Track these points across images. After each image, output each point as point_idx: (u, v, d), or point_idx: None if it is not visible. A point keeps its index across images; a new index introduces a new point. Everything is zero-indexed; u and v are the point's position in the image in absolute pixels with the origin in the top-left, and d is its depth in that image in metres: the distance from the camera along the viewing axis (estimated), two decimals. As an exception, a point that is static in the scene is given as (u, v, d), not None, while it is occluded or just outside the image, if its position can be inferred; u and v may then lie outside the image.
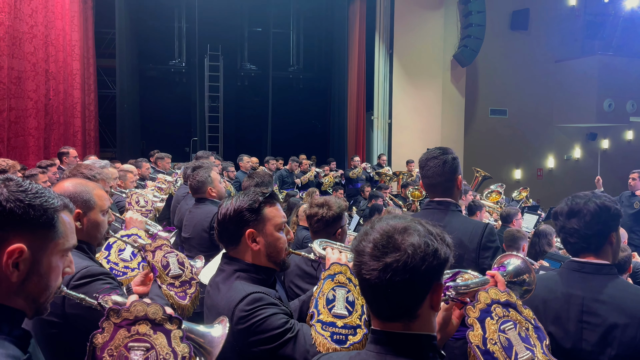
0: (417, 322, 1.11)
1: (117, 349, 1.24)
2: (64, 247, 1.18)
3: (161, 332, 1.27)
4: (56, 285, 1.20)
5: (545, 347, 1.35)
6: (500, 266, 1.58)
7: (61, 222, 1.17)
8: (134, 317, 1.27)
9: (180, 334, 1.28)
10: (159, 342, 1.26)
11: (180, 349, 1.26)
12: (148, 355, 1.24)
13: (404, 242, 1.08)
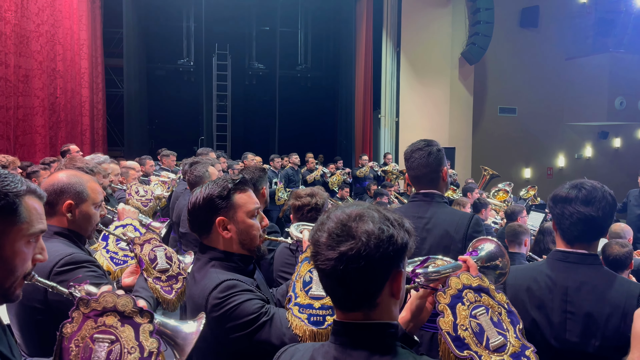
0: (377, 310, 1.09)
1: (83, 340, 1.23)
2: (29, 232, 1.17)
3: (129, 325, 1.25)
4: (23, 271, 1.19)
5: (519, 331, 1.33)
6: (473, 251, 1.55)
7: (25, 207, 1.16)
8: (102, 308, 1.26)
9: (151, 328, 1.26)
10: (125, 335, 1.25)
11: (148, 344, 1.24)
12: (112, 347, 1.23)
13: (358, 230, 1.05)
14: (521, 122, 14.32)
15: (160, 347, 1.26)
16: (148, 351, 1.24)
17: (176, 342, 1.32)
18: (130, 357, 1.22)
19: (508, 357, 1.28)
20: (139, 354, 1.24)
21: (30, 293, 1.80)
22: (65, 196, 1.98)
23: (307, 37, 15.20)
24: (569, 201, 1.89)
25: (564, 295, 1.89)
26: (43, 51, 7.59)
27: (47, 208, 1.99)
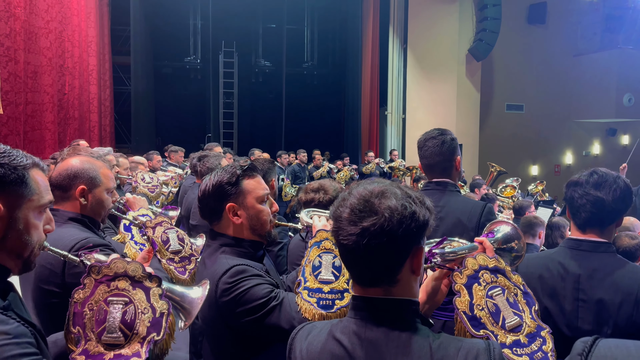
0: (398, 287, 1.09)
1: (97, 304, 1.27)
2: (39, 203, 1.21)
3: (140, 288, 1.29)
4: (38, 241, 1.22)
5: (534, 312, 1.32)
6: (489, 233, 1.55)
7: (33, 180, 1.19)
8: (114, 274, 1.30)
9: (160, 292, 1.30)
10: (138, 297, 1.28)
11: (159, 305, 1.28)
12: (126, 309, 1.26)
13: (381, 206, 1.06)
14: (529, 119, 14.26)
15: (169, 308, 1.30)
16: (159, 312, 1.28)
17: (183, 306, 1.35)
18: (144, 317, 1.26)
19: (524, 337, 1.27)
20: (152, 314, 1.27)
21: (48, 276, 1.83)
22: (79, 181, 1.99)
23: (313, 34, 15.20)
24: (580, 184, 1.89)
25: (576, 283, 1.89)
26: (52, 48, 7.63)
27: (61, 193, 2.01)
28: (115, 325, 1.24)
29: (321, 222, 1.84)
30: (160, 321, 1.27)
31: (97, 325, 1.24)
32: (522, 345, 1.25)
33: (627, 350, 0.72)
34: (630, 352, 0.71)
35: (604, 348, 0.74)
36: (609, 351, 0.73)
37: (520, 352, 1.24)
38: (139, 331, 1.25)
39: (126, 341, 1.24)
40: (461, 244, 1.47)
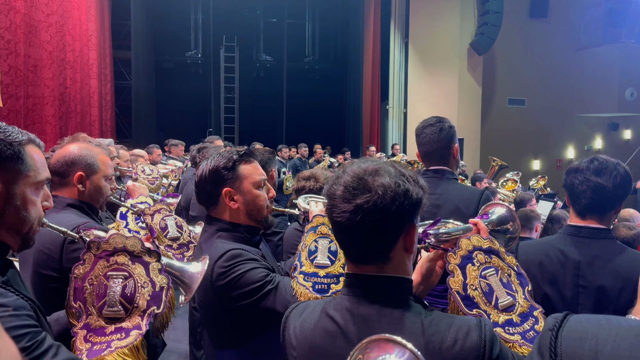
0: (391, 264, 1.10)
1: (97, 278, 1.28)
2: (36, 179, 1.21)
3: (139, 263, 1.31)
4: (36, 217, 1.23)
5: (528, 292, 1.33)
6: (484, 214, 1.55)
7: (29, 156, 1.20)
8: (113, 249, 1.31)
9: (159, 267, 1.32)
10: (137, 271, 1.30)
11: (159, 280, 1.30)
12: (126, 283, 1.28)
13: (375, 183, 1.06)
14: (530, 114, 14.22)
15: (169, 282, 1.32)
16: (159, 286, 1.30)
17: (183, 281, 1.37)
18: (144, 290, 1.27)
19: (516, 316, 1.28)
20: (152, 288, 1.29)
21: (46, 261, 1.84)
22: (76, 167, 2.00)
23: (314, 28, 15.16)
24: (580, 171, 1.89)
25: (576, 270, 1.89)
26: (53, 41, 7.63)
27: (59, 179, 2.02)
28: (116, 299, 1.26)
29: (318, 207, 1.85)
30: (160, 295, 1.28)
31: (98, 300, 1.26)
32: (514, 325, 1.26)
33: (598, 323, 0.72)
34: (602, 325, 0.71)
35: (575, 322, 0.74)
36: (580, 325, 0.73)
37: (512, 331, 1.24)
38: (139, 304, 1.26)
39: (127, 314, 1.26)
40: (456, 225, 1.47)
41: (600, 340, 0.69)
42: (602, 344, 0.68)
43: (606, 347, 0.67)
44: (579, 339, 0.71)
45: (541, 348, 0.75)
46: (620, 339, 0.67)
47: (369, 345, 0.66)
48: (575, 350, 0.70)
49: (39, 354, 1.03)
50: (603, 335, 0.69)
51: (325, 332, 1.12)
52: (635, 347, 0.65)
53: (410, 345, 0.62)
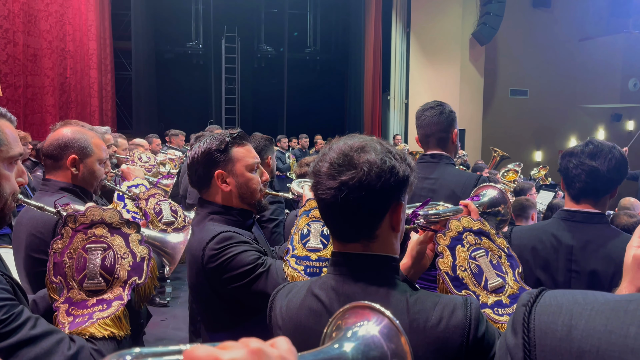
0: (377, 243, 1.09)
1: (76, 252, 1.27)
2: (8, 154, 1.19)
3: (118, 234, 1.30)
4: (10, 193, 1.21)
5: (518, 274, 1.32)
6: (475, 196, 1.54)
7: (0, 130, 1.18)
8: (90, 221, 1.30)
9: (139, 238, 1.31)
10: (117, 243, 1.29)
11: (139, 250, 1.29)
12: (105, 254, 1.27)
13: (360, 159, 1.04)
14: (533, 105, 14.13)
15: (150, 253, 1.30)
16: (140, 257, 1.29)
17: (166, 251, 1.36)
18: (124, 261, 1.26)
19: (506, 297, 1.27)
20: (132, 259, 1.28)
21: (38, 245, 1.84)
22: (70, 151, 1.99)
23: (316, 19, 15.08)
24: (575, 154, 1.87)
25: (569, 255, 1.88)
26: (52, 31, 7.61)
27: (52, 162, 2.02)
28: (96, 271, 1.25)
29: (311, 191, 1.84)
30: (142, 265, 1.27)
31: (78, 273, 1.25)
32: (503, 306, 1.25)
33: (574, 298, 0.70)
34: (577, 300, 0.69)
35: (550, 297, 0.72)
36: (555, 300, 0.71)
37: (501, 312, 1.24)
38: (120, 275, 1.25)
39: (108, 286, 1.25)
40: (446, 207, 1.46)
41: (575, 314, 0.67)
42: (576, 319, 0.66)
43: (580, 322, 0.65)
44: (553, 313, 0.69)
45: (514, 324, 0.73)
46: (595, 313, 0.66)
47: (347, 312, 0.65)
48: (549, 325, 0.68)
49: (17, 326, 1.02)
50: (578, 309, 0.67)
51: (310, 310, 1.11)
52: (610, 320, 0.63)
53: (388, 312, 0.61)
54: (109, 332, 1.18)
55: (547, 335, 0.67)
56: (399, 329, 0.60)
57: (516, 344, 0.71)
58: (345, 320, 0.64)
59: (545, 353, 0.66)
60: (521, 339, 0.69)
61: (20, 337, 1.01)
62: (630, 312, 0.63)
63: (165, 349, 0.50)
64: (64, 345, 1.08)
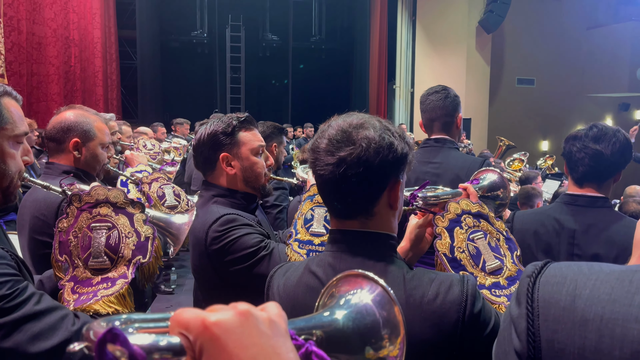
0: (375, 220, 1.09)
1: (81, 230, 1.29)
2: (14, 132, 1.20)
3: (123, 214, 1.31)
4: (16, 171, 1.22)
5: (516, 257, 1.32)
6: (474, 180, 1.54)
7: (5, 108, 1.19)
8: (95, 201, 1.32)
9: (143, 217, 1.33)
10: (121, 222, 1.30)
11: (144, 230, 1.30)
12: (110, 233, 1.29)
13: (359, 136, 1.04)
14: (539, 94, 14.02)
15: (155, 233, 1.32)
16: (144, 236, 1.30)
17: (170, 232, 1.37)
18: (129, 240, 1.28)
19: (504, 279, 1.27)
20: (136, 239, 1.30)
21: (41, 227, 1.86)
22: (72, 134, 2.00)
23: (321, 7, 14.98)
24: (579, 138, 1.86)
25: (571, 239, 1.87)
26: (57, 19, 7.60)
27: (55, 145, 2.03)
28: (100, 249, 1.26)
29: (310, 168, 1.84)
30: (146, 245, 1.29)
31: (83, 252, 1.26)
32: (501, 287, 1.25)
33: (579, 269, 0.69)
34: (582, 271, 0.69)
35: (555, 268, 0.72)
36: (559, 271, 0.71)
37: (499, 293, 1.24)
38: (124, 254, 1.27)
39: (112, 265, 1.27)
40: (445, 190, 1.46)
41: (579, 284, 0.66)
42: (580, 288, 0.66)
43: (585, 291, 0.65)
44: (557, 284, 0.68)
45: (519, 295, 0.73)
46: (600, 282, 0.65)
47: (341, 281, 0.65)
48: (552, 295, 0.68)
49: (21, 302, 1.02)
50: (583, 279, 0.67)
51: (307, 287, 1.12)
52: (615, 289, 0.63)
53: (382, 281, 0.61)
54: (113, 310, 1.20)
55: (550, 305, 0.67)
56: (393, 298, 0.60)
57: (520, 314, 0.71)
58: (338, 289, 0.65)
59: (548, 322, 0.66)
60: (525, 309, 0.69)
61: (25, 312, 1.02)
62: (636, 281, 0.62)
63: (153, 316, 0.50)
64: (69, 320, 1.09)
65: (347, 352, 0.58)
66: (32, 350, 1.00)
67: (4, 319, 0.99)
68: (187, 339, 0.45)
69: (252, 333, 0.45)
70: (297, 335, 0.53)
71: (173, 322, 0.46)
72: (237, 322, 0.45)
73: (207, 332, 0.43)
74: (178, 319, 0.45)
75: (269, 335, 0.46)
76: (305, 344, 0.52)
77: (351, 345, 0.58)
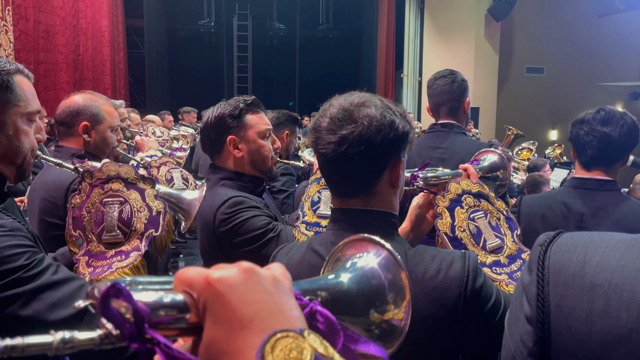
0: (376, 198, 1.10)
1: (94, 206, 1.32)
2: (27, 110, 1.22)
3: (134, 189, 1.34)
4: (29, 148, 1.24)
5: (516, 236, 1.33)
6: (475, 160, 1.54)
7: (18, 86, 1.20)
8: (107, 176, 1.34)
9: (154, 193, 1.35)
10: (133, 197, 1.33)
11: (155, 205, 1.33)
12: (122, 208, 1.32)
13: (360, 114, 1.05)
14: (549, 82, 13.88)
15: (166, 207, 1.35)
16: (156, 210, 1.33)
17: (181, 207, 1.40)
18: (141, 215, 1.31)
19: (504, 258, 1.28)
20: (148, 213, 1.33)
21: (51, 209, 1.89)
22: (81, 117, 2.03)
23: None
24: (586, 122, 1.86)
25: (579, 222, 1.87)
26: (65, 7, 7.63)
27: (64, 129, 2.06)
28: (113, 224, 1.29)
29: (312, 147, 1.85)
30: (158, 219, 1.31)
31: (96, 226, 1.29)
32: (501, 265, 1.26)
33: (590, 237, 0.71)
34: (593, 239, 0.70)
35: (566, 237, 0.73)
36: (571, 239, 0.72)
37: (499, 271, 1.25)
38: (137, 228, 1.30)
39: (125, 238, 1.30)
40: (445, 171, 1.47)
41: (589, 251, 0.67)
42: (590, 255, 0.67)
43: (594, 258, 0.66)
44: (568, 251, 0.70)
45: (530, 263, 0.74)
46: (610, 250, 0.66)
47: (347, 245, 0.65)
48: (563, 262, 0.69)
49: (38, 272, 1.04)
50: (593, 247, 0.68)
51: (310, 266, 1.13)
52: (624, 256, 0.64)
53: (388, 245, 0.61)
54: None
55: (560, 272, 0.68)
56: (399, 261, 0.60)
57: (530, 280, 0.72)
58: (344, 253, 0.65)
59: (558, 288, 0.67)
60: (535, 276, 0.70)
61: (43, 282, 1.03)
62: None
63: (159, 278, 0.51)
64: (85, 290, 1.11)
65: (351, 314, 0.58)
66: (50, 318, 1.01)
67: (23, 287, 1.01)
68: (191, 296, 0.45)
69: (255, 289, 0.44)
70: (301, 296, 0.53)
71: (177, 280, 0.47)
72: (240, 279, 0.45)
73: (210, 288, 0.44)
74: (182, 277, 0.46)
75: (272, 292, 0.45)
76: (310, 304, 0.52)
77: (356, 307, 0.59)
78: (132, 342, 0.42)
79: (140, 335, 0.42)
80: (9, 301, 0.98)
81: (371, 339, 0.58)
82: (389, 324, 0.59)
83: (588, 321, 0.63)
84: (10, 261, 1.01)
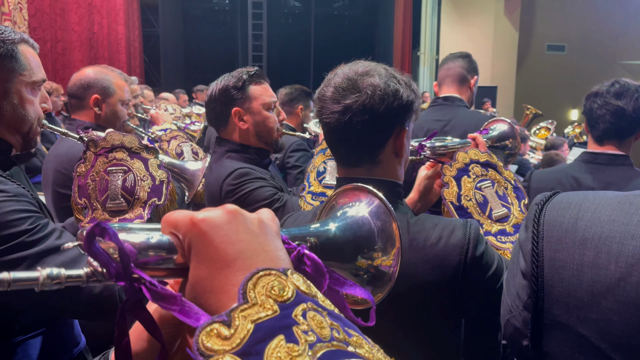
0: (380, 167, 1.10)
1: (98, 174, 1.34)
2: (31, 79, 1.23)
3: (138, 159, 1.36)
4: (35, 117, 1.26)
5: (524, 205, 1.31)
6: (484, 130, 1.52)
7: (23, 55, 1.21)
8: (111, 145, 1.36)
9: (158, 162, 1.37)
10: (136, 166, 1.35)
11: (158, 174, 1.35)
12: (126, 176, 1.34)
13: (364, 83, 1.05)
14: (570, 61, 13.56)
15: (169, 177, 1.37)
16: (159, 180, 1.35)
17: (185, 177, 1.42)
18: (144, 184, 1.33)
19: (510, 227, 1.27)
20: (151, 182, 1.35)
21: (64, 181, 1.93)
22: (92, 90, 2.06)
23: (344, -28, 14.68)
24: (600, 95, 1.83)
25: None
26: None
27: (76, 102, 2.09)
28: (117, 192, 1.32)
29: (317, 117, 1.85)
30: (161, 188, 1.34)
31: (101, 195, 1.32)
32: (507, 234, 1.25)
33: (585, 196, 0.72)
34: (587, 197, 0.71)
35: (562, 196, 0.74)
36: (566, 198, 0.73)
37: (504, 239, 1.24)
38: (140, 196, 1.32)
39: (129, 207, 1.32)
40: (453, 140, 1.45)
41: (582, 208, 0.69)
42: (583, 211, 0.68)
43: (587, 214, 0.68)
44: (562, 209, 0.71)
45: (527, 221, 0.76)
46: (602, 206, 0.68)
47: (340, 194, 0.66)
48: (557, 218, 0.70)
49: (43, 236, 1.06)
50: (587, 204, 0.70)
51: None
52: (615, 211, 0.65)
53: (380, 194, 0.61)
54: None
55: (554, 228, 0.70)
56: (390, 210, 0.60)
57: (526, 237, 0.73)
58: (338, 201, 0.65)
59: (551, 244, 0.69)
60: (531, 233, 0.72)
61: (47, 246, 1.05)
62: (636, 203, 0.65)
63: (149, 225, 0.52)
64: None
65: (339, 259, 0.59)
66: None
67: (27, 251, 1.03)
68: (177, 237, 0.46)
69: (239, 229, 0.45)
70: (290, 240, 0.54)
71: (164, 223, 0.47)
72: (224, 219, 0.45)
73: (195, 228, 0.44)
74: (168, 219, 0.47)
75: (257, 234, 0.46)
76: (298, 248, 0.52)
77: (344, 252, 0.59)
78: (119, 280, 0.43)
79: (126, 274, 0.42)
80: (12, 265, 1.00)
81: (361, 283, 0.58)
82: (377, 270, 0.59)
83: (579, 273, 0.64)
84: (14, 225, 1.02)
